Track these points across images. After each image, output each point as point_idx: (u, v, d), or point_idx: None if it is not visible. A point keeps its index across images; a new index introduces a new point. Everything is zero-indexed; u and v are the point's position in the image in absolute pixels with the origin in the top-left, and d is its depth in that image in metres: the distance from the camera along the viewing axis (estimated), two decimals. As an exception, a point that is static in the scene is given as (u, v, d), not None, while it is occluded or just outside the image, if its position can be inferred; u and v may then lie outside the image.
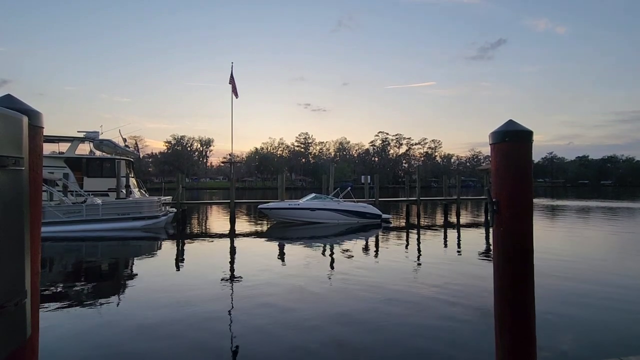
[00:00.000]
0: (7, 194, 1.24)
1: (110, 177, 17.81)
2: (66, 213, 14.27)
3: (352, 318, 5.19)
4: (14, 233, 1.29)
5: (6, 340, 1.24)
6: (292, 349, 4.26)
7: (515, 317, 2.06)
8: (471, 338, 4.54)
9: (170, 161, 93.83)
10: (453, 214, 21.37)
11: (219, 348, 4.30)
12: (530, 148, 2.13)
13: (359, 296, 6.24)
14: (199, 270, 8.69)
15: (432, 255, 10.45)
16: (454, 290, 6.57)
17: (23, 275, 1.35)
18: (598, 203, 32.08)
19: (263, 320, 5.10)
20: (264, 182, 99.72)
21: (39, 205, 1.65)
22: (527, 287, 2.08)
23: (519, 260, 2.07)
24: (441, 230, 15.94)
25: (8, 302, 1.24)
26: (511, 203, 2.07)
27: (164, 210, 16.76)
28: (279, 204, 17.73)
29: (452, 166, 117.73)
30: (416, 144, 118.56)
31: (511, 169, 2.09)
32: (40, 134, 1.62)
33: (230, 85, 22.12)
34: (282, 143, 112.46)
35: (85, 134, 19.28)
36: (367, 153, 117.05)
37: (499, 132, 2.12)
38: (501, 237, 2.12)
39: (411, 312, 5.43)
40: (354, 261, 9.47)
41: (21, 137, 1.35)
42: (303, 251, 11.24)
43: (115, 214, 14.98)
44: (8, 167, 1.25)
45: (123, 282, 7.83)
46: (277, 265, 9.21)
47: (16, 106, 1.46)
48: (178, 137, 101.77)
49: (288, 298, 6.16)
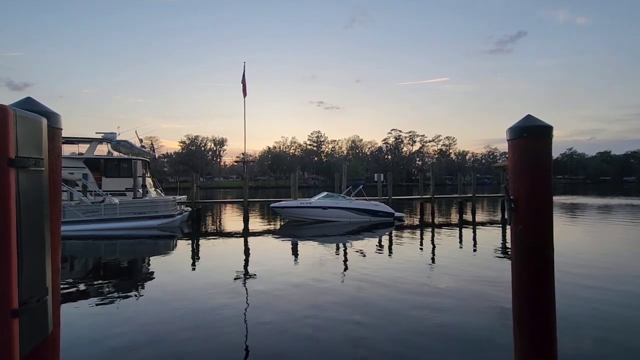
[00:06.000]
0: (28, 194, 1.27)
1: (127, 177, 18.19)
2: (85, 212, 14.66)
3: (367, 317, 5.16)
4: (35, 232, 1.33)
5: (29, 336, 1.27)
6: (308, 347, 4.27)
7: (535, 318, 2.01)
8: (489, 340, 4.46)
9: (185, 161, 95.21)
10: (468, 212, 21.01)
11: (235, 345, 4.34)
12: (550, 144, 2.07)
13: (373, 295, 6.20)
14: (214, 268, 8.79)
15: (447, 254, 10.30)
16: (470, 290, 6.46)
17: (44, 272, 1.38)
18: (620, 200, 31.03)
19: (278, 318, 5.12)
20: (276, 181, 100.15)
21: (59, 204, 1.69)
22: (546, 287, 2.02)
23: (538, 260, 2.01)
24: (456, 228, 15.70)
25: (30, 299, 1.27)
26: (529, 200, 2.01)
27: (179, 209, 17.04)
28: (291, 203, 17.79)
29: (467, 163, 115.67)
30: (430, 141, 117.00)
31: (529, 165, 2.03)
32: (59, 136, 1.65)
33: (241, 85, 22.26)
34: (295, 142, 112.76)
35: (103, 135, 19.76)
36: (380, 151, 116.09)
37: (517, 128, 2.07)
38: (519, 235, 2.06)
39: (426, 312, 5.37)
40: (366, 260, 9.42)
41: (41, 138, 1.38)
42: (315, 250, 11.24)
43: (132, 213, 15.31)
44: (29, 168, 1.28)
45: (141, 279, 8.00)
46: (290, 263, 9.25)
47: (36, 108, 1.50)
48: (192, 137, 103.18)
49: (302, 296, 6.17)
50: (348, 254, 10.19)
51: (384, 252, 10.45)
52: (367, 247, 11.19)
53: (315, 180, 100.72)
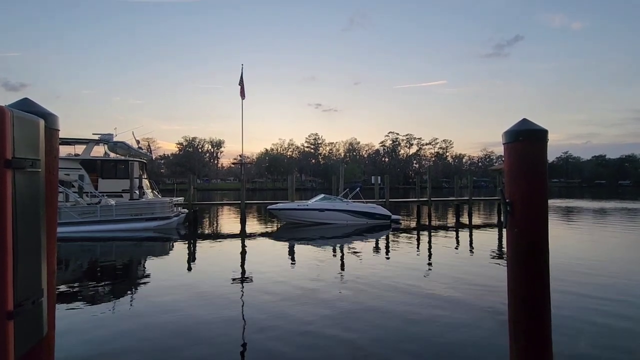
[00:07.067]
0: (24, 195, 1.27)
1: (124, 179, 18.10)
2: (81, 214, 14.57)
3: (363, 320, 5.16)
4: (31, 233, 1.32)
5: (24, 338, 1.26)
6: (304, 348, 4.26)
7: (530, 320, 2.02)
8: (485, 341, 4.47)
9: (182, 162, 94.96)
10: (465, 215, 21.08)
11: (230, 350, 4.32)
12: (545, 147, 2.09)
13: (369, 297, 6.20)
14: (211, 270, 8.76)
15: (444, 256, 10.32)
16: (466, 292, 6.48)
17: (40, 274, 1.38)
18: (615, 204, 31.24)
19: (274, 322, 5.11)
20: (274, 183, 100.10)
21: (55, 206, 1.68)
22: (541, 290, 2.03)
23: (533, 262, 2.03)
24: (453, 231, 15.74)
25: (25, 300, 1.27)
26: (525, 204, 2.03)
27: (175, 211, 16.97)
28: (288, 205, 17.78)
29: (464, 166, 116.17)
30: (427, 144, 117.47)
31: (525, 168, 2.05)
32: (56, 137, 1.65)
33: (239, 87, 22.28)
34: (292, 144, 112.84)
35: (100, 136, 19.66)
36: (377, 153, 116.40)
37: (513, 132, 2.09)
38: (515, 238, 2.08)
39: (422, 314, 5.37)
40: (362, 263, 9.42)
41: (38, 139, 1.37)
42: (312, 252, 11.23)
43: (128, 215, 15.24)
44: (25, 169, 1.28)
45: (136, 282, 7.95)
46: (287, 266, 9.23)
47: (33, 109, 1.50)
48: (189, 138, 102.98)
49: (299, 300, 6.16)
50: (345, 257, 10.18)
51: (380, 255, 10.46)
52: (364, 250, 11.19)
53: (313, 183, 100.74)
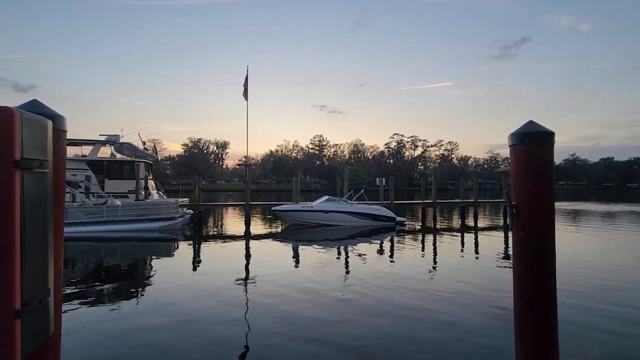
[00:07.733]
0: (32, 195, 1.29)
1: (130, 180, 18.25)
2: (88, 214, 14.71)
3: (366, 326, 5.14)
4: (38, 233, 1.34)
5: (31, 337, 1.28)
6: (306, 355, 4.25)
7: (536, 324, 2.00)
8: (490, 346, 4.43)
9: (187, 163, 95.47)
10: (470, 217, 20.94)
11: (234, 353, 4.32)
12: (552, 150, 2.07)
13: (373, 301, 6.17)
14: (215, 271, 8.78)
15: (449, 259, 10.26)
16: (471, 295, 6.43)
17: (47, 273, 1.39)
18: (624, 207, 30.84)
19: (277, 326, 5.11)
20: (278, 185, 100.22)
21: (63, 206, 1.70)
22: (548, 293, 2.01)
23: (540, 266, 2.01)
24: (458, 233, 15.64)
25: (32, 300, 1.28)
26: (531, 206, 2.01)
27: (181, 212, 17.07)
28: (293, 207, 17.79)
29: (470, 168, 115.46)
30: (432, 145, 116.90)
31: (531, 171, 2.03)
32: (63, 137, 1.67)
33: (243, 88, 22.37)
34: (297, 145, 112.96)
35: (107, 137, 19.86)
36: (382, 155, 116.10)
37: (519, 134, 2.07)
38: (521, 241, 2.06)
39: (427, 318, 5.34)
40: (367, 265, 9.39)
41: (46, 140, 1.39)
42: (316, 254, 11.22)
43: (134, 215, 15.35)
44: (33, 170, 1.29)
45: (141, 282, 8.00)
46: (291, 268, 9.23)
47: (41, 110, 1.51)
48: (195, 139, 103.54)
49: (303, 300, 6.15)
50: (349, 259, 10.16)
51: (384, 258, 10.42)
52: (368, 252, 11.15)
53: (317, 184, 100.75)
